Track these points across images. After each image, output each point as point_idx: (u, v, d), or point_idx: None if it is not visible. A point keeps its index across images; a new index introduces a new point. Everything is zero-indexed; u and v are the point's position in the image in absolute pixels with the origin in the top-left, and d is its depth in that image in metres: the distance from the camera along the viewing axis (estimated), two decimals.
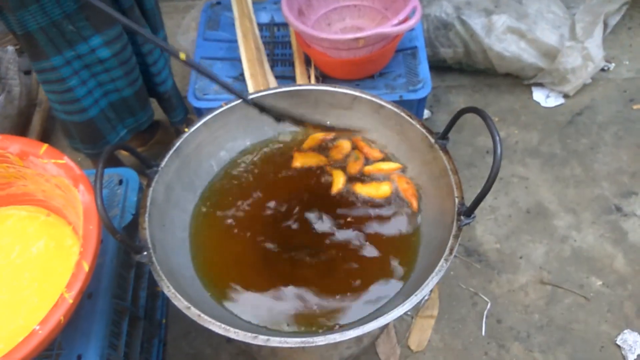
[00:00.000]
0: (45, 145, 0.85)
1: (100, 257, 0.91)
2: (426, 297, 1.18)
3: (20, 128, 1.50)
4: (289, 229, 0.87)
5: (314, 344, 0.66)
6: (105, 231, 0.91)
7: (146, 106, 1.19)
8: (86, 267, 0.73)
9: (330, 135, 0.98)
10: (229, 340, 1.14)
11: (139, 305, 1.03)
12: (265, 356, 1.05)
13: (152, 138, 1.41)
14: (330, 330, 0.77)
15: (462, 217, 0.75)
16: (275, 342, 0.67)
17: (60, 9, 0.92)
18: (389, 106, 0.90)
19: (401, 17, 1.04)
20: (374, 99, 0.91)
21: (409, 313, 1.17)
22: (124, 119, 1.16)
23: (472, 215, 0.75)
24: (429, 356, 1.11)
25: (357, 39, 1.05)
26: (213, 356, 1.13)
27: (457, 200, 0.78)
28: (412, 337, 1.13)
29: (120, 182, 1.02)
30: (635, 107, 1.52)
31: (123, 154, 1.37)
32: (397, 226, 0.87)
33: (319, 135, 0.97)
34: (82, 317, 0.85)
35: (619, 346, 1.11)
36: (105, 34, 0.98)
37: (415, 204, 0.88)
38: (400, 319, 1.16)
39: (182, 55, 0.77)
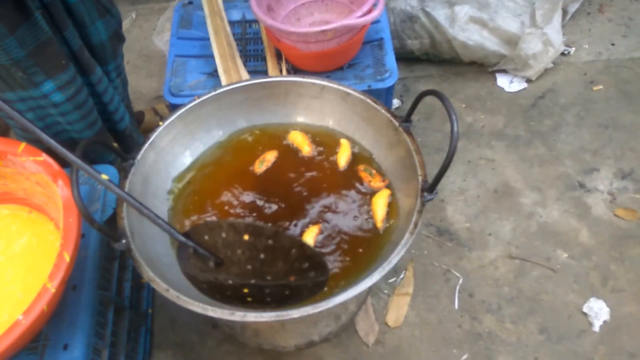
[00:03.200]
0: (23, 144, 0.87)
1: (83, 250, 0.94)
2: (402, 276, 1.24)
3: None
4: (266, 215, 0.90)
5: (288, 317, 0.70)
6: (87, 227, 0.96)
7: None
8: (67, 257, 0.75)
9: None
10: (214, 326, 1.18)
11: (124, 296, 1.06)
12: (249, 337, 1.09)
13: (139, 127, 1.42)
14: None
15: (425, 194, 0.80)
16: (251, 317, 0.70)
17: (7, 56, 0.84)
18: (355, 93, 0.95)
19: (365, 8, 1.09)
20: (340, 87, 0.96)
21: (385, 291, 1.22)
22: (86, 154, 1.09)
23: (435, 191, 0.80)
24: (406, 331, 1.16)
25: (324, 32, 1.09)
26: (199, 343, 1.16)
27: (420, 179, 0.82)
28: (390, 314, 1.18)
29: None
30: (595, 88, 1.59)
31: None
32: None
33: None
34: (67, 309, 0.87)
35: (585, 314, 1.17)
36: (58, 79, 0.93)
37: (379, 224, 0.87)
38: (377, 297, 1.21)
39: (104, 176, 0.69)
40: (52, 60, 0.90)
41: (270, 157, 0.96)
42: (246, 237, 0.69)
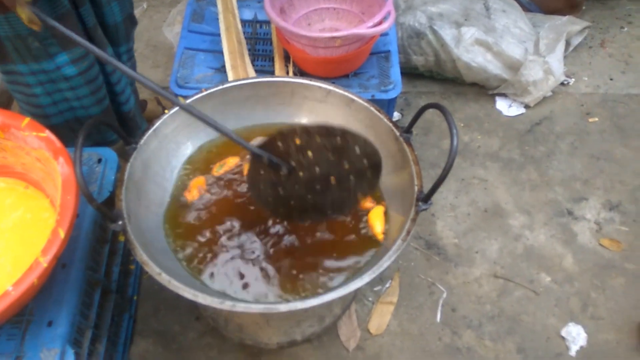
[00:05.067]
0: (27, 119, 0.87)
1: (75, 230, 0.95)
2: (387, 285, 1.25)
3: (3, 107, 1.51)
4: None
5: (276, 311, 0.71)
6: (82, 207, 0.96)
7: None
8: (62, 234, 0.75)
9: None
10: (197, 318, 1.19)
11: (112, 280, 1.06)
12: (232, 332, 1.09)
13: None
14: None
15: (419, 203, 0.82)
16: (240, 307, 0.71)
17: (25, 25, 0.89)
18: (360, 100, 0.97)
19: (376, 19, 1.12)
20: (345, 93, 0.98)
21: (370, 299, 1.23)
22: (90, 134, 1.14)
23: (429, 202, 0.82)
24: (387, 339, 1.17)
25: (334, 38, 1.12)
26: (181, 333, 1.17)
27: (416, 188, 0.84)
28: (372, 321, 1.19)
29: (99, 160, 1.05)
30: (591, 120, 1.63)
31: None
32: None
33: None
34: (54, 286, 0.88)
35: (563, 338, 1.19)
36: (72, 52, 0.96)
37: (380, 236, 0.89)
38: (362, 303, 1.22)
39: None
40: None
41: (232, 162, 0.97)
42: (318, 139, 0.76)
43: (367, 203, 0.93)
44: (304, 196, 0.81)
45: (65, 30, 0.69)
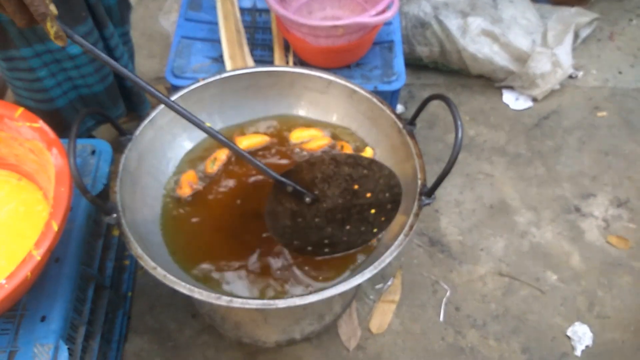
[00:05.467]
0: (21, 109, 0.85)
1: (69, 223, 0.92)
2: (389, 283, 1.22)
3: None
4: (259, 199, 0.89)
5: (274, 307, 0.69)
6: (75, 201, 0.94)
7: (118, 102, 1.18)
8: (55, 227, 0.73)
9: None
10: (194, 316, 1.16)
11: (106, 275, 1.04)
12: (229, 330, 1.07)
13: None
14: None
15: (423, 198, 0.79)
16: (237, 303, 0.69)
17: None
18: (362, 91, 0.94)
19: (379, 8, 1.08)
20: (347, 83, 0.95)
21: (371, 297, 1.20)
22: (92, 115, 1.17)
23: (433, 196, 0.79)
24: (388, 339, 1.15)
25: (336, 27, 1.08)
26: (177, 331, 1.14)
27: (419, 182, 0.81)
28: (374, 320, 1.16)
29: (94, 152, 1.03)
30: (599, 114, 1.59)
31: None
32: None
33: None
34: (48, 281, 0.86)
35: (569, 337, 1.17)
36: (76, 30, 0.93)
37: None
38: (363, 302, 1.19)
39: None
40: (74, 11, 0.94)
41: (222, 155, 0.95)
42: (346, 168, 0.76)
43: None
44: (323, 228, 0.80)
45: (89, 46, 0.71)
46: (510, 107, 1.60)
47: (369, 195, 0.78)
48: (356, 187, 0.77)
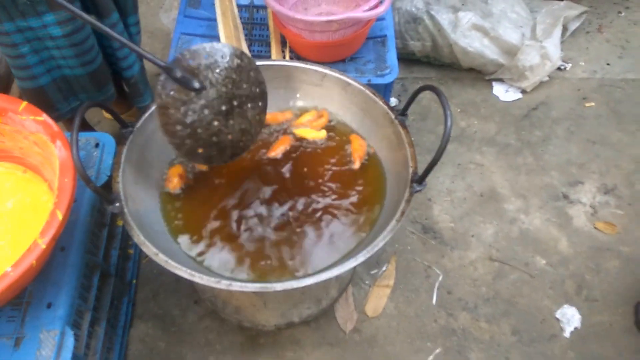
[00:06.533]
0: (25, 103, 0.87)
1: (74, 214, 0.96)
2: (384, 269, 1.26)
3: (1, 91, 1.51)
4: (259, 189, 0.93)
5: (272, 289, 0.72)
6: (80, 192, 0.97)
7: (103, 87, 1.16)
8: (60, 216, 0.76)
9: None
10: (196, 302, 1.20)
11: (110, 263, 1.08)
12: (230, 314, 1.11)
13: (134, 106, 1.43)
14: None
15: (414, 185, 0.83)
16: (236, 286, 0.73)
17: None
18: (355, 84, 0.98)
19: (372, 3, 1.12)
20: (341, 76, 0.98)
21: (367, 282, 1.24)
22: (77, 93, 1.15)
23: (424, 183, 0.83)
24: (383, 322, 1.19)
25: (330, 22, 1.11)
26: (180, 317, 1.18)
27: (411, 170, 0.85)
28: (369, 304, 1.21)
29: (97, 145, 1.06)
30: (587, 105, 1.63)
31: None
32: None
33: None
34: (54, 269, 0.89)
35: (558, 319, 1.21)
36: (58, 14, 0.96)
37: (357, 163, 0.96)
38: (358, 287, 1.23)
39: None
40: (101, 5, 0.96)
41: None
42: (222, 58, 0.81)
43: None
44: (211, 122, 0.82)
45: (68, 6, 0.71)
46: (500, 99, 1.64)
47: (245, 85, 0.84)
48: (234, 75, 0.82)
